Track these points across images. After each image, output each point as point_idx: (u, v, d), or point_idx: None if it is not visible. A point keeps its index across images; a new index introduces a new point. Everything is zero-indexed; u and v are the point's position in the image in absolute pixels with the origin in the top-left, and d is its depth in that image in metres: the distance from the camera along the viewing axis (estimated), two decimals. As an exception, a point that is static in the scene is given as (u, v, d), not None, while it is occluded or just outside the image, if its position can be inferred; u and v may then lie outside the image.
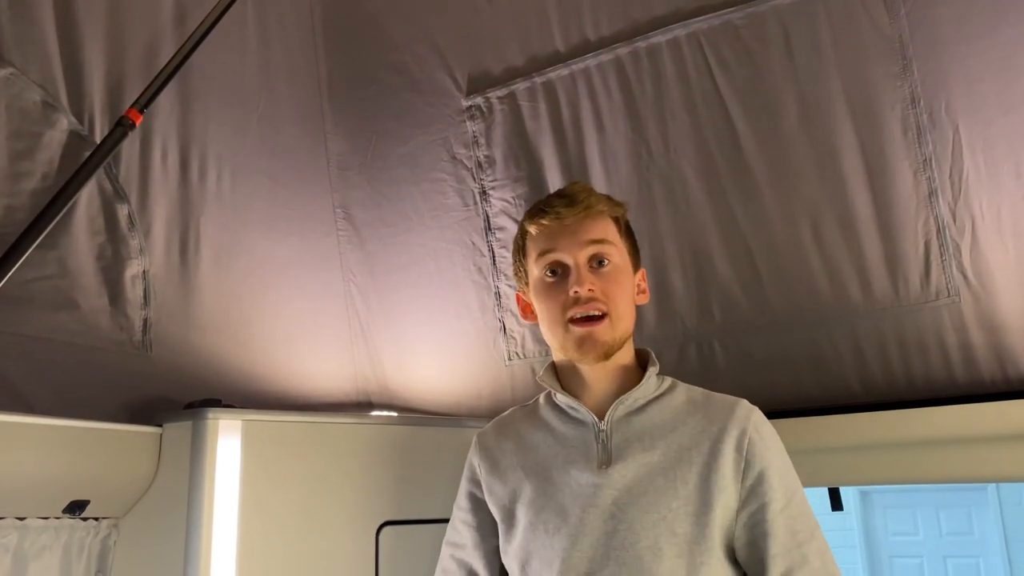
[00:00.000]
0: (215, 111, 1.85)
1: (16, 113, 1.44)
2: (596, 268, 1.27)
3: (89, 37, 1.58)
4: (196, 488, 1.47)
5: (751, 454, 1.20)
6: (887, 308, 1.58)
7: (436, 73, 2.05)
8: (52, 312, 1.47)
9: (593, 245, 1.27)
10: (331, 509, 1.61)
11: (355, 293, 2.17)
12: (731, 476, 1.19)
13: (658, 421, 1.25)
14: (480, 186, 2.01)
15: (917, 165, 1.54)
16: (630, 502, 1.19)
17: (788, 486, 1.21)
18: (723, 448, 1.20)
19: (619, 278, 1.28)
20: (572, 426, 1.30)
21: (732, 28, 1.70)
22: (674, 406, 1.28)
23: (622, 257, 1.30)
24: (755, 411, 1.26)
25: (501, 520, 1.33)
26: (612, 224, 1.31)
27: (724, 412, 1.24)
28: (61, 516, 1.43)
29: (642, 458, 1.22)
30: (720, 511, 1.18)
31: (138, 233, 1.64)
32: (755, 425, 1.23)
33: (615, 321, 1.25)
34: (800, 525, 1.19)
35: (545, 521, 1.24)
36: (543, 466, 1.29)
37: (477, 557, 1.38)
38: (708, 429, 1.23)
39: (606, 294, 1.25)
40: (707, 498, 1.18)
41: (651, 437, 1.24)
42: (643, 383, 1.27)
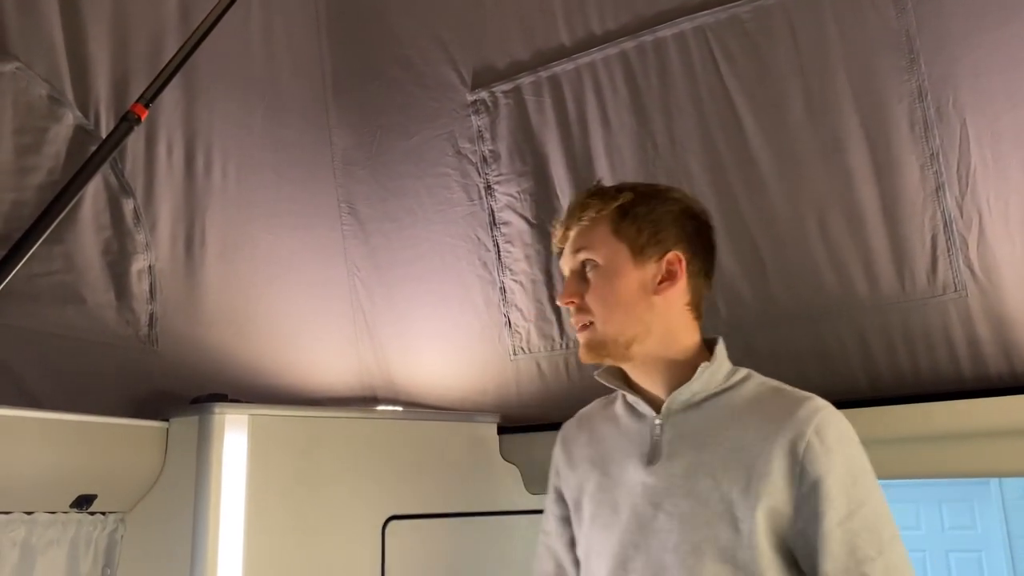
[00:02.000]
0: (220, 105, 1.86)
1: (22, 108, 1.45)
2: (584, 276, 1.27)
3: (94, 32, 1.58)
4: (202, 482, 1.48)
5: (807, 460, 1.11)
6: (893, 302, 1.58)
7: (441, 67, 2.05)
8: (59, 307, 1.48)
9: (576, 255, 1.27)
10: (337, 504, 1.61)
11: (360, 288, 2.17)
12: (783, 482, 1.11)
13: (716, 418, 1.21)
14: (485, 181, 2.01)
15: (924, 159, 1.54)
16: (675, 502, 1.17)
17: (852, 496, 1.11)
18: (777, 451, 1.12)
19: (601, 280, 1.25)
20: (635, 420, 1.28)
21: (738, 22, 1.69)
22: (737, 402, 1.22)
23: (611, 256, 1.25)
24: (822, 412, 1.15)
25: (573, 511, 1.34)
26: (602, 224, 1.27)
27: (786, 411, 1.16)
28: (68, 510, 1.44)
29: (691, 457, 1.18)
30: (768, 518, 1.11)
31: (144, 228, 1.64)
32: (817, 428, 1.12)
33: (600, 325, 1.23)
34: (863, 541, 1.09)
35: (602, 515, 1.25)
36: (606, 459, 1.29)
37: (561, 545, 1.38)
38: (765, 429, 1.15)
39: (590, 301, 1.25)
40: (754, 503, 1.11)
41: (705, 435, 1.20)
42: (696, 378, 1.21)
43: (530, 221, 1.96)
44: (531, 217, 1.96)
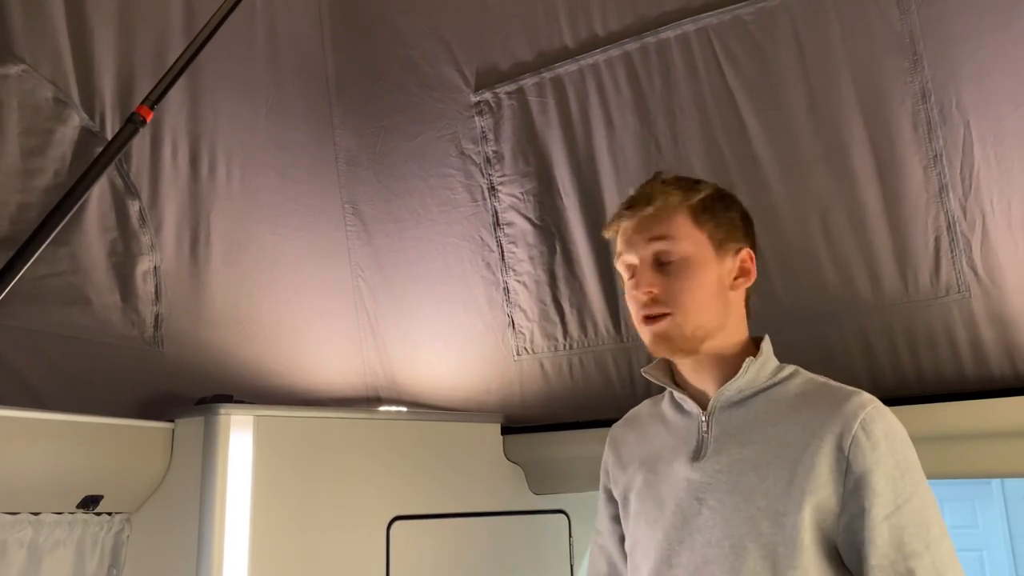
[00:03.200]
0: (224, 107, 1.86)
1: (28, 110, 1.45)
2: (662, 266, 1.24)
3: (100, 34, 1.59)
4: (208, 483, 1.48)
5: (854, 455, 1.10)
6: (897, 303, 1.58)
7: (444, 68, 2.05)
8: (64, 308, 1.48)
9: (653, 243, 1.23)
10: (342, 504, 1.62)
11: (363, 288, 2.18)
12: (829, 476, 1.11)
13: (762, 414, 1.20)
14: (488, 181, 2.01)
15: (927, 160, 1.54)
16: (719, 498, 1.17)
17: (900, 491, 1.10)
18: (823, 446, 1.12)
19: (684, 273, 1.22)
20: (682, 417, 1.28)
21: (741, 23, 1.69)
22: (783, 398, 1.21)
23: (693, 248, 1.23)
24: (869, 406, 1.14)
25: (621, 508, 1.35)
26: (683, 214, 1.24)
27: (832, 406, 1.15)
28: (75, 511, 1.44)
29: (736, 453, 1.18)
30: (813, 513, 1.10)
31: (149, 229, 1.65)
32: (864, 423, 1.12)
33: (681, 318, 1.20)
34: (910, 536, 1.09)
35: (648, 511, 1.25)
36: (654, 457, 1.29)
37: (613, 544, 1.39)
38: (811, 425, 1.14)
39: (668, 292, 1.21)
40: (799, 498, 1.11)
41: (751, 431, 1.19)
42: (741, 373, 1.20)
43: (533, 222, 1.96)
44: (534, 218, 1.96)
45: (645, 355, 1.82)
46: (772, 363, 1.26)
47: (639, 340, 1.80)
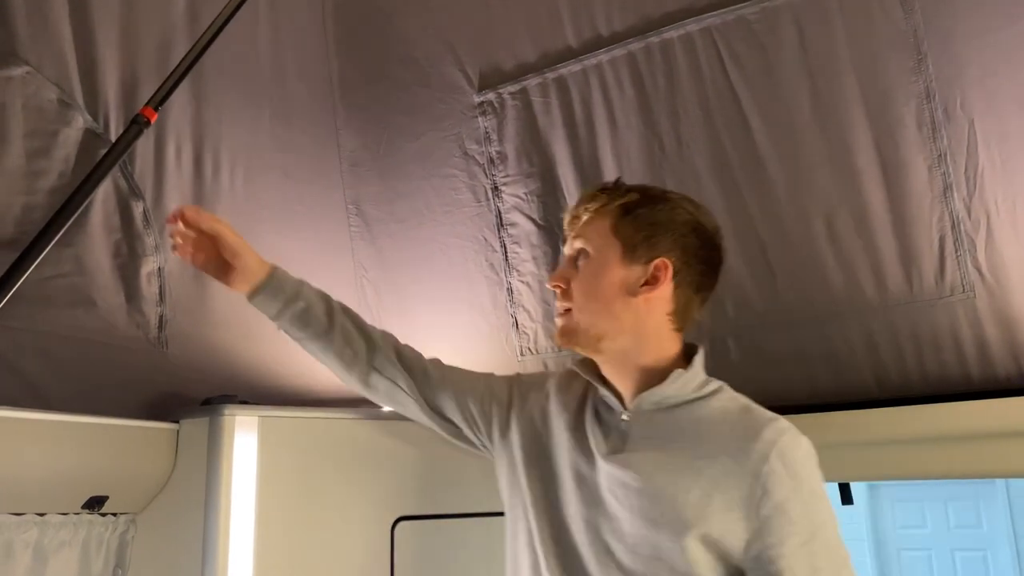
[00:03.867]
0: (228, 108, 1.86)
1: (32, 112, 1.45)
2: (576, 264, 1.30)
3: (104, 35, 1.59)
4: (213, 484, 1.48)
5: (770, 483, 1.11)
6: (901, 304, 1.58)
7: (448, 69, 2.05)
8: (69, 309, 1.48)
9: (574, 241, 1.31)
10: (346, 504, 1.62)
11: (367, 288, 2.18)
12: (740, 501, 1.12)
13: (683, 425, 1.22)
14: (492, 182, 2.01)
15: (932, 160, 1.54)
16: (628, 494, 1.19)
17: (813, 519, 1.12)
18: (738, 469, 1.13)
19: (588, 272, 1.27)
20: (605, 411, 1.30)
21: (745, 23, 1.69)
22: (705, 414, 1.22)
23: (603, 250, 1.27)
24: (786, 434, 1.15)
25: (504, 441, 1.38)
26: (604, 218, 1.28)
27: (751, 431, 1.16)
28: (80, 512, 1.45)
29: (652, 456, 1.20)
30: (718, 531, 1.12)
31: (153, 230, 1.65)
32: (780, 451, 1.13)
33: (577, 313, 1.26)
34: (823, 562, 1.11)
35: (548, 479, 1.29)
36: (571, 435, 1.30)
37: (459, 393, 1.43)
38: (729, 446, 1.16)
39: (573, 288, 1.28)
40: (705, 514, 1.13)
41: (669, 439, 1.21)
42: (669, 382, 1.22)
43: (537, 222, 1.96)
44: (538, 218, 1.96)
45: (649, 355, 1.82)
46: (700, 377, 1.26)
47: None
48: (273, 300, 1.38)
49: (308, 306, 1.39)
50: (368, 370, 1.41)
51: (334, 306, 1.43)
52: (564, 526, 1.24)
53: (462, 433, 1.45)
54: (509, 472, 1.37)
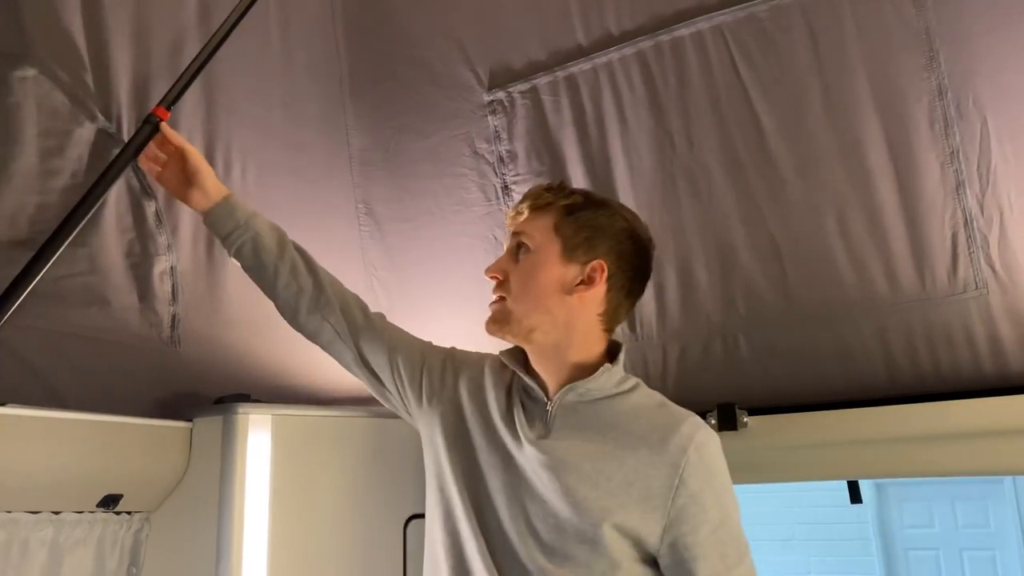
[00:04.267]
0: (239, 107, 1.86)
1: (46, 112, 1.46)
2: (516, 258, 1.34)
3: (116, 36, 1.59)
4: (227, 482, 1.49)
5: (687, 474, 1.18)
6: (914, 301, 1.58)
7: (457, 68, 2.05)
8: (84, 308, 1.49)
9: (515, 237, 1.35)
10: (359, 502, 1.62)
11: (377, 287, 2.18)
12: (659, 490, 1.19)
13: (604, 418, 1.27)
14: (502, 181, 2.02)
15: (944, 157, 1.54)
16: (553, 476, 1.22)
17: (723, 509, 1.20)
18: (657, 460, 1.20)
19: (526, 265, 1.32)
20: (529, 400, 1.33)
21: (756, 21, 1.69)
22: (624, 408, 1.28)
23: (543, 247, 1.31)
24: (702, 429, 1.23)
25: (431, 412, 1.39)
26: (546, 216, 1.33)
27: (669, 425, 1.23)
28: (95, 510, 1.45)
29: (575, 445, 1.25)
30: (631, 519, 1.18)
31: (165, 230, 1.66)
32: (697, 445, 1.20)
33: (511, 303, 1.31)
34: (730, 549, 1.19)
35: (477, 458, 1.31)
36: (501, 416, 1.33)
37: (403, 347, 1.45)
38: (648, 437, 1.22)
39: (511, 280, 1.32)
40: (624, 501, 1.19)
41: (591, 430, 1.26)
42: (597, 375, 1.27)
43: (548, 221, 1.96)
44: (548, 217, 1.96)
45: (660, 353, 1.82)
46: (621, 373, 1.32)
47: (653, 338, 1.82)
48: (226, 221, 1.42)
49: (258, 233, 1.43)
50: (310, 309, 1.44)
51: (286, 241, 1.47)
52: (489, 503, 1.27)
53: (385, 390, 1.46)
54: (430, 443, 1.39)
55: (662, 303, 1.81)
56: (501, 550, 1.22)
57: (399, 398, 1.45)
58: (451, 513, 1.29)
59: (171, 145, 1.42)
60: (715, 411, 1.64)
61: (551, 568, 1.18)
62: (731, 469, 1.24)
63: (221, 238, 1.44)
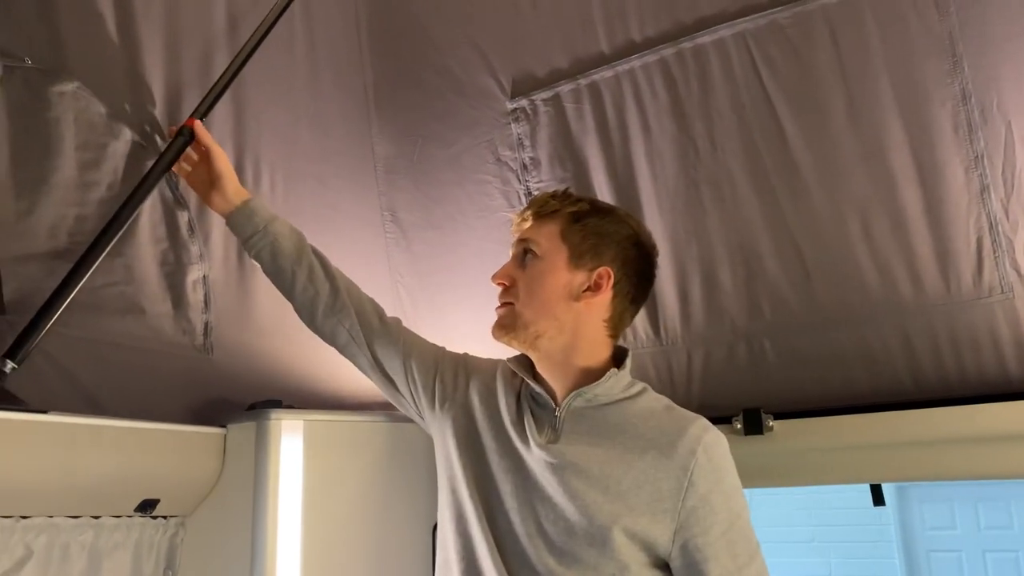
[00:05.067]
0: (267, 118, 1.90)
1: (83, 126, 1.49)
2: (523, 263, 1.36)
3: (149, 50, 1.63)
4: (260, 486, 1.52)
5: (696, 476, 1.20)
6: (939, 304, 1.59)
7: (480, 76, 2.08)
8: (120, 317, 1.52)
9: (522, 243, 1.37)
10: (389, 506, 1.65)
11: (403, 294, 2.21)
12: (669, 492, 1.20)
13: (612, 422, 1.29)
14: (525, 187, 2.04)
15: (968, 162, 1.55)
16: (563, 479, 1.24)
17: (732, 510, 1.22)
18: (666, 463, 1.22)
19: (534, 271, 1.34)
20: (536, 406, 1.35)
21: (778, 27, 1.71)
22: (632, 412, 1.30)
23: (551, 253, 1.34)
24: (710, 432, 1.25)
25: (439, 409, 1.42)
26: (553, 223, 1.35)
27: (677, 429, 1.25)
28: (132, 515, 1.48)
29: (584, 449, 1.26)
30: (641, 522, 1.20)
31: (198, 239, 1.69)
32: (705, 446, 1.22)
33: (519, 309, 1.32)
34: (740, 549, 1.21)
35: (475, 470, 1.33)
36: (507, 422, 1.35)
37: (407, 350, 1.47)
38: (657, 440, 1.24)
39: (519, 286, 1.34)
40: (634, 504, 1.20)
41: (599, 434, 1.28)
42: (603, 380, 1.30)
43: (571, 227, 1.98)
44: (572, 223, 1.98)
45: (685, 358, 1.83)
46: (627, 379, 1.34)
47: (678, 343, 1.83)
48: (245, 225, 1.47)
49: (276, 239, 1.48)
50: (325, 313, 1.48)
51: (305, 245, 1.51)
52: (500, 505, 1.28)
53: (399, 394, 1.49)
54: (442, 447, 1.41)
55: (687, 308, 1.82)
56: (511, 552, 1.24)
57: (412, 402, 1.48)
58: (463, 516, 1.31)
59: (201, 146, 1.48)
60: (741, 415, 1.65)
61: (560, 570, 1.20)
62: (757, 473, 1.26)
63: (242, 241, 1.49)
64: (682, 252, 1.83)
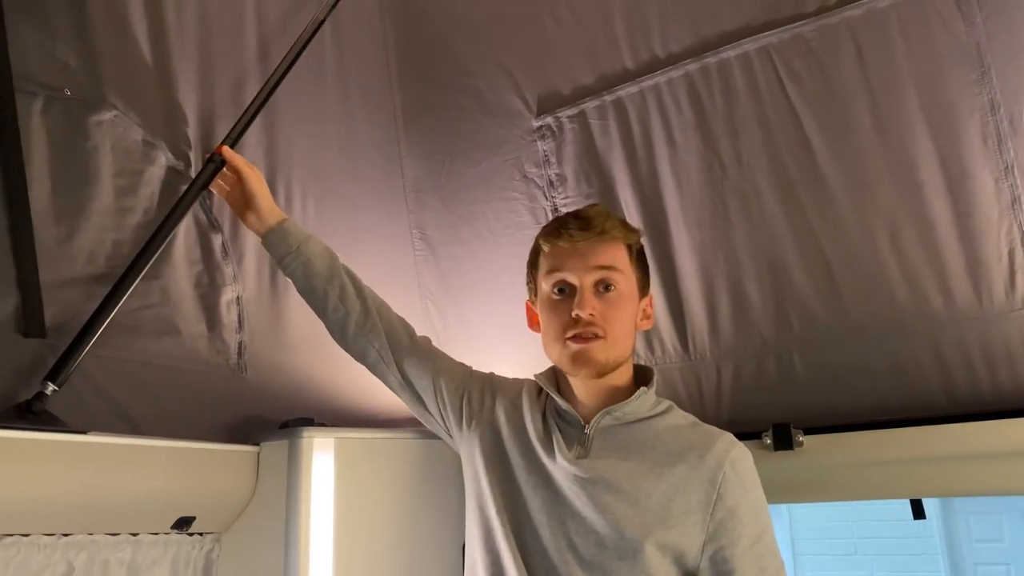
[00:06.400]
0: (298, 140, 1.94)
1: (120, 153, 1.54)
2: (601, 292, 1.32)
3: (183, 78, 1.67)
4: (293, 503, 1.54)
5: (724, 489, 1.23)
6: (971, 317, 1.57)
7: (506, 95, 2.10)
8: (157, 338, 1.56)
9: (600, 271, 1.32)
10: (419, 523, 1.66)
11: (432, 311, 2.23)
12: (698, 505, 1.23)
13: (641, 439, 1.30)
14: (552, 204, 2.05)
15: (998, 173, 1.53)
16: (593, 493, 1.25)
17: (759, 523, 1.24)
18: (695, 476, 1.24)
19: (621, 304, 1.32)
20: (562, 422, 1.36)
21: (803, 41, 1.70)
22: (660, 428, 1.32)
23: (628, 284, 1.34)
24: (737, 446, 1.28)
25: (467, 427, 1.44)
26: (623, 250, 1.36)
27: (705, 444, 1.28)
28: (169, 532, 1.52)
29: (615, 462, 1.28)
30: (671, 535, 1.21)
31: (231, 261, 1.73)
32: (733, 461, 1.25)
33: (610, 344, 1.30)
34: (768, 563, 1.22)
35: (503, 488, 1.34)
36: (537, 440, 1.36)
37: (443, 368, 1.50)
38: (685, 455, 1.26)
39: (605, 318, 1.30)
40: (664, 517, 1.22)
41: (629, 450, 1.29)
42: (633, 399, 1.31)
43: (598, 242, 1.99)
44: (599, 238, 1.99)
45: (714, 373, 1.83)
46: (654, 396, 1.36)
47: (707, 358, 1.83)
48: (279, 245, 1.51)
49: (309, 259, 1.51)
50: (355, 332, 1.51)
51: (337, 265, 1.55)
52: (528, 521, 1.29)
53: (428, 412, 1.51)
54: (469, 464, 1.43)
55: (714, 322, 1.82)
56: (540, 567, 1.25)
57: (441, 420, 1.50)
58: (490, 532, 1.33)
59: (233, 170, 1.52)
60: (770, 431, 1.64)
61: None
62: (787, 489, 1.26)
63: (276, 260, 1.53)
64: (709, 266, 1.83)
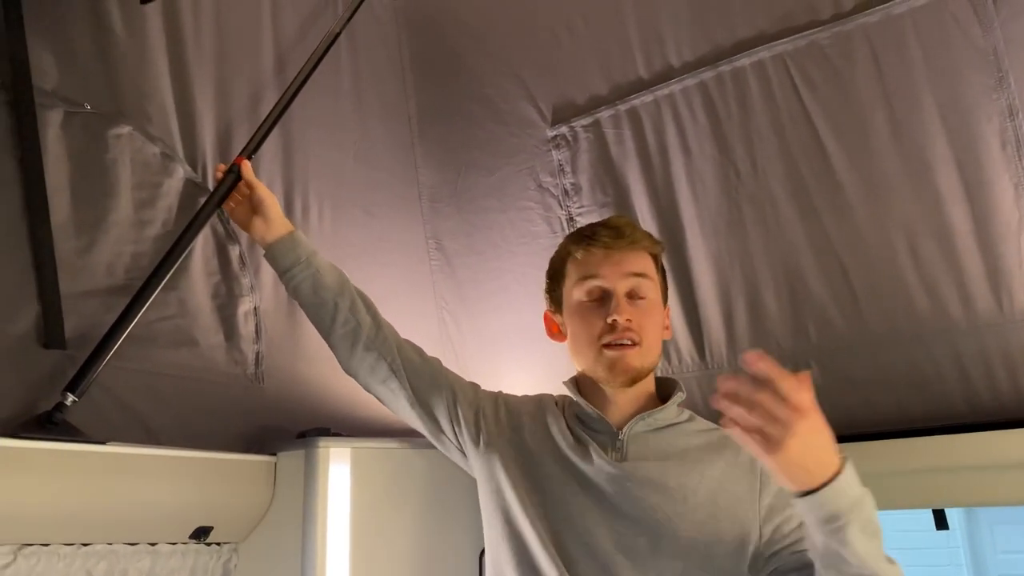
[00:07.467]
0: (314, 151, 1.95)
1: (139, 166, 1.56)
2: (633, 300, 1.35)
3: (200, 91, 1.69)
4: (310, 513, 1.55)
5: (765, 474, 1.25)
6: (991, 325, 1.55)
7: (520, 105, 2.11)
8: (175, 349, 1.57)
9: (634, 278, 1.35)
10: (435, 533, 1.66)
11: (448, 320, 2.23)
12: (745, 493, 1.25)
13: (672, 441, 1.33)
14: (567, 213, 2.05)
15: (1018, 178, 1.51)
16: (641, 494, 1.26)
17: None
18: (736, 468, 1.28)
19: (652, 312, 1.36)
20: (587, 430, 1.37)
21: (818, 48, 1.69)
22: (688, 432, 1.35)
23: (656, 293, 1.38)
24: None
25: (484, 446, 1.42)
26: (651, 260, 1.40)
27: (733, 441, 1.27)
28: (188, 541, 1.53)
29: (655, 463, 1.29)
30: (725, 526, 1.22)
31: (248, 272, 1.74)
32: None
33: (644, 351, 1.33)
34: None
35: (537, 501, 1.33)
36: (559, 444, 1.37)
37: (445, 386, 1.48)
38: (722, 451, 1.30)
39: (640, 325, 1.33)
40: (713, 511, 1.24)
41: (665, 452, 1.31)
42: (667, 406, 1.35)
43: (613, 251, 1.98)
44: (614, 247, 1.98)
45: (730, 381, 1.81)
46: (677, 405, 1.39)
47: (724, 367, 1.82)
48: (288, 255, 1.47)
49: (319, 271, 1.48)
50: (367, 346, 1.47)
51: (346, 279, 1.53)
52: (570, 529, 1.28)
53: (440, 433, 1.48)
54: (488, 482, 1.41)
55: (732, 331, 1.81)
56: (588, 573, 1.24)
57: (455, 439, 1.47)
58: (524, 548, 1.30)
59: (246, 184, 1.52)
60: (788, 439, 1.63)
61: None
62: (806, 499, 1.24)
63: (281, 272, 1.49)
64: (726, 275, 1.82)
